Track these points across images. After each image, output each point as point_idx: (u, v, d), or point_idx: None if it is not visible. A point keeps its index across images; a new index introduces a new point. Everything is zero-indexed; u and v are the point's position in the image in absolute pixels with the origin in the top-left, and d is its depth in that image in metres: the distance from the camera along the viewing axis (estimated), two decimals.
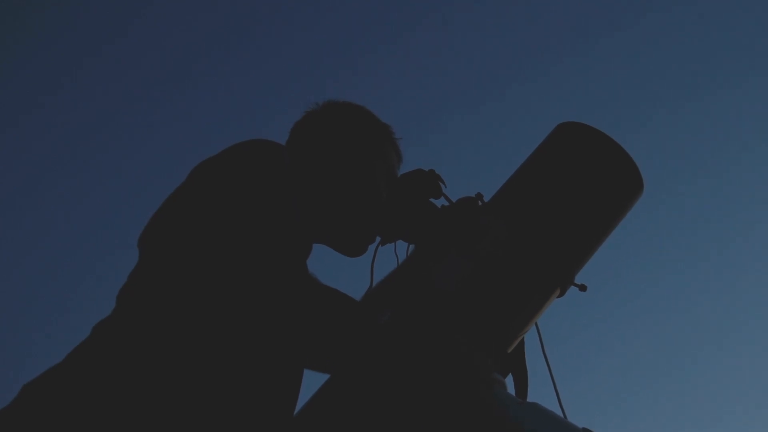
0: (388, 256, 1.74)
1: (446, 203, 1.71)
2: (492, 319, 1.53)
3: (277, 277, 1.30)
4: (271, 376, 1.40)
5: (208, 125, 5.53)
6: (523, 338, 1.64)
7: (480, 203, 1.67)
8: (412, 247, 1.75)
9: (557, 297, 1.65)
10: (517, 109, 5.73)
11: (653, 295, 5.62)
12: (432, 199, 1.72)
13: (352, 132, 1.74)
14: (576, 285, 1.65)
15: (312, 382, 1.49)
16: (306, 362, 1.45)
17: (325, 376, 1.49)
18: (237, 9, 5.65)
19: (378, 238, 1.75)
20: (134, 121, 5.56)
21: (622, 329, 5.59)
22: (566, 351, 4.98)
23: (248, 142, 1.46)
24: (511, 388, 1.58)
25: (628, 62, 5.68)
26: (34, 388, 1.30)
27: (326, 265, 1.69)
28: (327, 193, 1.65)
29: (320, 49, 5.71)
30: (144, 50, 5.56)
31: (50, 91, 5.41)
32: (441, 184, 1.73)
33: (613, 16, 5.68)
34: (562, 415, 1.62)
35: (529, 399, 1.58)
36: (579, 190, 1.65)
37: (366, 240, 1.72)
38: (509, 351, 1.59)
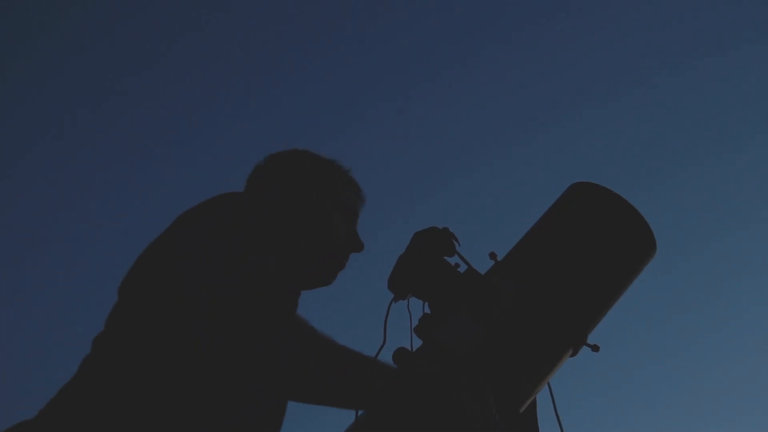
0: (401, 313, 1.75)
1: (460, 261, 1.72)
2: (504, 379, 1.53)
3: (265, 326, 1.31)
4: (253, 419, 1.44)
5: (193, 178, 5.57)
6: (536, 398, 1.64)
7: (494, 262, 1.68)
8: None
9: (570, 357, 1.65)
10: (531, 166, 5.77)
11: (670, 354, 5.57)
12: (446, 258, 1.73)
13: (298, 176, 1.81)
14: (589, 345, 1.65)
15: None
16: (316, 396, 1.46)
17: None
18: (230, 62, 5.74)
19: (392, 295, 1.76)
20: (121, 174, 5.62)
21: (636, 389, 5.52)
22: (578, 410, 4.93)
23: (227, 195, 1.52)
24: None
25: (643, 120, 5.72)
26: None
27: (340, 322, 1.71)
28: (292, 239, 1.70)
29: (333, 108, 5.78)
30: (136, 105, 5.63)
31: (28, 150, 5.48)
32: (455, 242, 1.74)
33: (628, 73, 5.74)
34: None
35: None
36: (592, 251, 1.67)
37: (335, 268, 1.79)
38: (521, 411, 1.59)
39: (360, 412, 1.53)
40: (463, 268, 1.71)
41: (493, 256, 1.69)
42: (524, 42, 5.76)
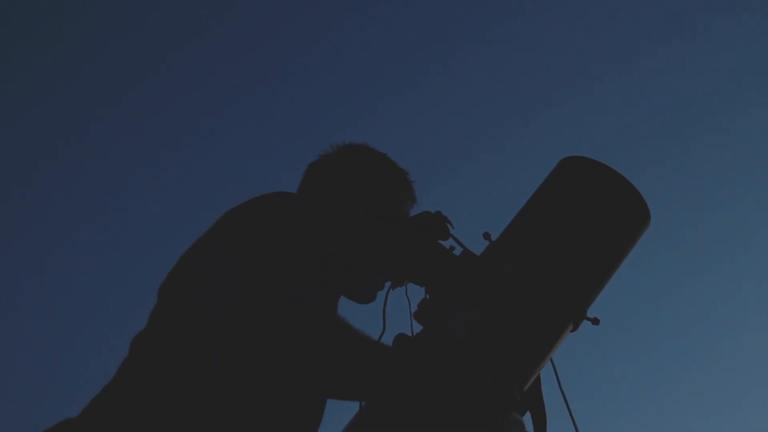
0: (400, 300, 1.74)
1: (455, 244, 1.71)
2: (507, 359, 1.52)
3: (303, 326, 1.32)
4: (293, 414, 1.46)
5: (220, 179, 5.61)
6: (540, 375, 1.64)
7: (488, 243, 1.68)
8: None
9: (571, 332, 1.65)
10: (521, 145, 5.77)
11: (672, 326, 5.57)
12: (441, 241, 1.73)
13: (365, 180, 1.76)
14: (588, 319, 1.65)
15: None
16: (331, 395, 1.47)
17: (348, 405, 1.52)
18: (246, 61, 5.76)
19: (388, 282, 1.76)
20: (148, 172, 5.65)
21: (638, 359, 5.53)
22: (584, 385, 4.94)
23: (273, 195, 1.50)
24: (529, 426, 1.58)
25: (636, 97, 5.72)
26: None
27: (340, 309, 1.71)
28: (338, 242, 1.67)
29: (329, 100, 5.80)
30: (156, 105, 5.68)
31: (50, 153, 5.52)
32: (448, 225, 1.74)
33: (613, 57, 5.74)
34: None
35: None
36: (586, 224, 1.66)
37: (374, 287, 1.73)
38: (525, 389, 1.58)
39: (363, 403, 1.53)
40: (458, 251, 1.71)
41: (487, 236, 1.68)
42: (509, 27, 5.77)
